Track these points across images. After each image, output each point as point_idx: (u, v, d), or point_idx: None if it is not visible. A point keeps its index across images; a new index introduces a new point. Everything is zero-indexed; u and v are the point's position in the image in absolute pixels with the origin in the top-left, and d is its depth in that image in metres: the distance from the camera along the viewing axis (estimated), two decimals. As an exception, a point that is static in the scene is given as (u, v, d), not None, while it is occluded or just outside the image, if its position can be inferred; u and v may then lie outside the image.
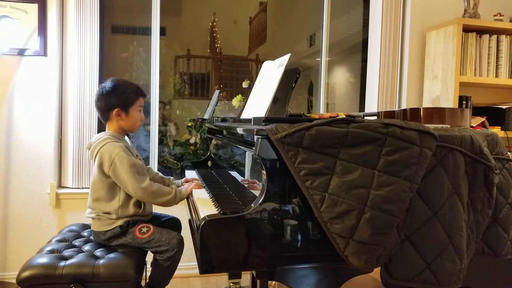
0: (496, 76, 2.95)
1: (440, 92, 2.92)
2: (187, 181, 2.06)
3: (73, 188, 2.70)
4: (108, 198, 1.80)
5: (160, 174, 2.15)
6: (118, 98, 1.83)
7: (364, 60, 3.38)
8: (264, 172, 1.24)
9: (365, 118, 1.46)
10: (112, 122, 1.87)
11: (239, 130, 1.54)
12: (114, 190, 1.80)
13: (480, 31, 2.93)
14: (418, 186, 1.26)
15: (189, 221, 1.99)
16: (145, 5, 2.96)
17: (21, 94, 2.62)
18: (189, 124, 3.72)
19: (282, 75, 1.51)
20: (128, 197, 1.80)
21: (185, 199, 1.86)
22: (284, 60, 1.57)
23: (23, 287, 1.56)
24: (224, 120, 2.21)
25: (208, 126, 2.55)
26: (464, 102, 2.90)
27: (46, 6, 2.62)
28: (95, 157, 1.78)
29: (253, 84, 1.92)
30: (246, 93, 2.14)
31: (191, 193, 1.80)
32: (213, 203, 1.56)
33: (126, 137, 1.94)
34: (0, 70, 2.59)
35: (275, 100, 1.53)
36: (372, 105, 3.20)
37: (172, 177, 2.17)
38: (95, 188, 1.81)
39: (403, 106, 3.16)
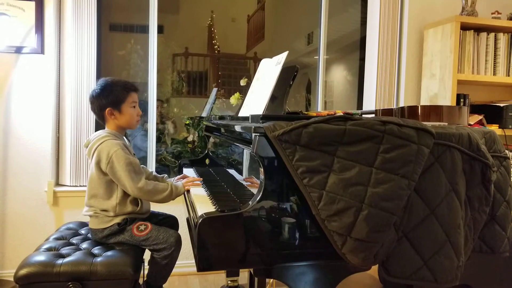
0: (494, 74, 2.96)
1: (438, 90, 2.93)
2: (181, 178, 2.05)
3: (70, 186, 2.70)
4: (106, 196, 1.80)
5: (154, 173, 2.15)
6: (107, 97, 1.83)
7: (362, 58, 3.38)
8: (261, 169, 1.24)
9: (363, 116, 1.46)
10: (109, 122, 1.88)
11: (237, 128, 1.54)
12: (111, 188, 1.80)
13: (478, 29, 2.93)
14: (415, 183, 1.26)
15: (187, 219, 1.99)
16: (142, 3, 2.95)
17: (18, 92, 2.61)
18: (187, 122, 3.72)
19: (280, 73, 1.51)
20: (126, 194, 1.80)
21: (183, 197, 1.85)
22: (281, 58, 1.57)
23: (21, 285, 1.55)
24: (222, 118, 2.20)
25: (206, 124, 2.55)
26: (461, 100, 2.90)
27: (43, 3, 2.60)
28: (93, 154, 1.78)
29: (251, 82, 1.92)
30: (244, 91, 2.14)
31: (188, 191, 1.80)
32: (210, 200, 1.56)
33: (124, 137, 1.94)
34: (-3, 68, 2.58)
35: (273, 98, 1.53)
36: (370, 103, 3.20)
37: (165, 175, 2.17)
38: (93, 185, 1.81)
39: (401, 104, 3.16)
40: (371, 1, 3.21)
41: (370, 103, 3.20)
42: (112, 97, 1.83)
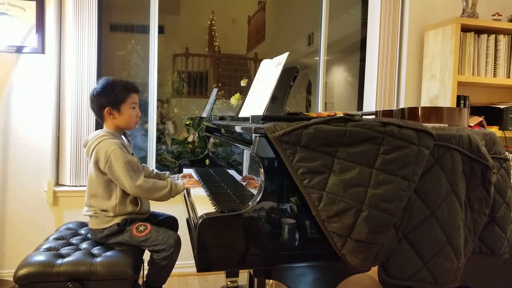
0: (494, 75, 2.96)
1: (438, 91, 2.93)
2: (184, 177, 2.05)
3: (70, 186, 2.70)
4: (105, 196, 1.79)
5: (156, 170, 2.15)
6: (107, 97, 1.83)
7: (363, 59, 3.39)
8: (261, 170, 1.24)
9: (363, 117, 1.46)
10: (107, 121, 1.87)
11: (237, 129, 1.54)
12: (110, 187, 1.80)
13: (479, 31, 2.93)
14: (415, 185, 1.26)
15: (187, 219, 1.99)
16: (143, 3, 2.95)
17: (18, 91, 2.61)
18: (187, 122, 3.73)
19: (280, 73, 1.51)
20: (125, 194, 1.80)
21: (183, 198, 1.85)
22: (282, 58, 1.57)
23: (20, 285, 1.55)
24: (222, 118, 2.20)
25: (206, 124, 2.55)
26: (462, 101, 2.90)
27: (44, 3, 2.61)
28: (91, 154, 1.78)
29: (252, 83, 1.92)
30: (244, 92, 2.14)
31: (188, 192, 1.80)
32: (210, 201, 1.56)
33: (123, 136, 1.94)
34: (-3, 67, 2.58)
35: (273, 98, 1.53)
36: (370, 104, 3.20)
37: (168, 172, 2.16)
38: (92, 185, 1.81)
39: (401, 105, 3.16)
40: (372, 2, 3.22)
41: (370, 104, 3.20)
42: (112, 97, 1.83)
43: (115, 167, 1.72)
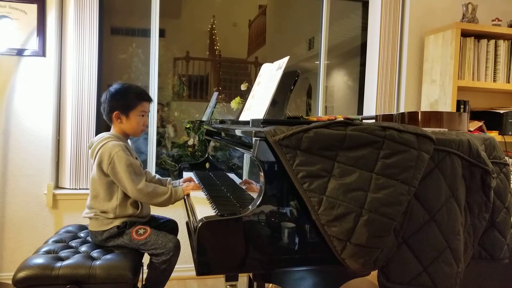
0: (494, 80, 2.96)
1: (438, 96, 2.93)
2: (185, 181, 2.06)
3: (70, 189, 2.69)
4: (106, 197, 1.80)
5: (158, 176, 2.16)
6: (119, 101, 1.86)
7: (363, 64, 3.39)
8: (261, 174, 1.24)
9: (363, 121, 1.46)
10: (115, 124, 1.90)
11: (237, 132, 1.54)
12: (112, 189, 1.80)
13: (478, 36, 2.94)
14: (415, 189, 1.26)
15: (187, 223, 1.98)
16: (144, 7, 2.96)
17: (19, 94, 2.62)
18: (188, 126, 3.73)
19: (280, 77, 1.52)
20: (126, 196, 1.80)
21: (183, 201, 1.85)
22: (283, 62, 1.57)
23: (19, 287, 1.55)
24: (222, 122, 2.21)
25: (207, 128, 2.55)
26: (462, 106, 2.91)
27: (45, 6, 2.62)
28: (95, 155, 1.79)
29: (252, 87, 1.92)
30: (244, 96, 2.15)
31: (188, 195, 1.80)
32: (210, 205, 1.56)
33: (128, 140, 1.96)
34: (-2, 70, 2.59)
35: (274, 102, 1.53)
36: (370, 108, 3.20)
37: (169, 178, 2.17)
38: (94, 186, 1.82)
39: (401, 110, 3.17)
40: (372, 7, 3.23)
41: (370, 108, 3.20)
42: (123, 101, 1.86)
43: (118, 169, 1.73)
